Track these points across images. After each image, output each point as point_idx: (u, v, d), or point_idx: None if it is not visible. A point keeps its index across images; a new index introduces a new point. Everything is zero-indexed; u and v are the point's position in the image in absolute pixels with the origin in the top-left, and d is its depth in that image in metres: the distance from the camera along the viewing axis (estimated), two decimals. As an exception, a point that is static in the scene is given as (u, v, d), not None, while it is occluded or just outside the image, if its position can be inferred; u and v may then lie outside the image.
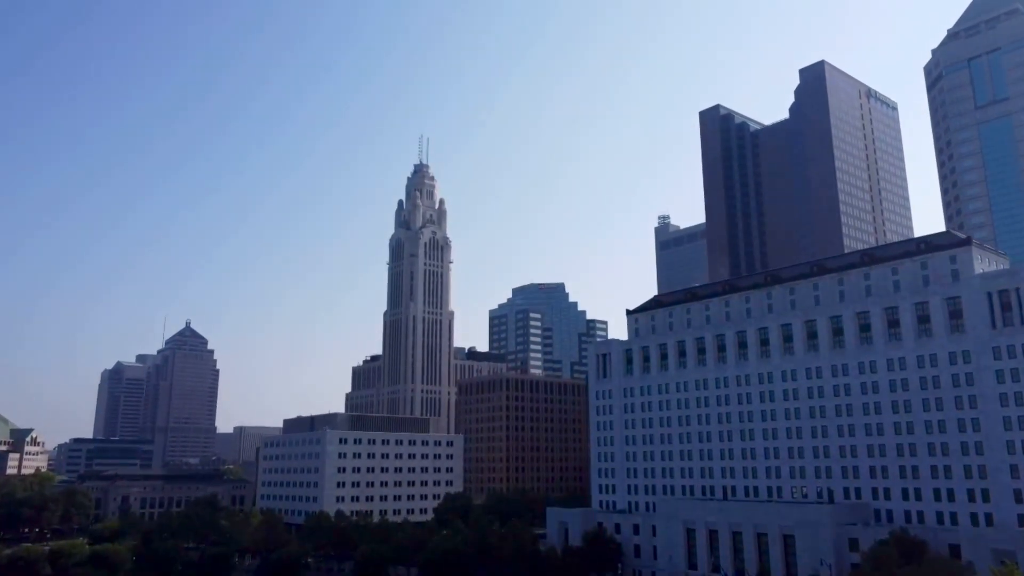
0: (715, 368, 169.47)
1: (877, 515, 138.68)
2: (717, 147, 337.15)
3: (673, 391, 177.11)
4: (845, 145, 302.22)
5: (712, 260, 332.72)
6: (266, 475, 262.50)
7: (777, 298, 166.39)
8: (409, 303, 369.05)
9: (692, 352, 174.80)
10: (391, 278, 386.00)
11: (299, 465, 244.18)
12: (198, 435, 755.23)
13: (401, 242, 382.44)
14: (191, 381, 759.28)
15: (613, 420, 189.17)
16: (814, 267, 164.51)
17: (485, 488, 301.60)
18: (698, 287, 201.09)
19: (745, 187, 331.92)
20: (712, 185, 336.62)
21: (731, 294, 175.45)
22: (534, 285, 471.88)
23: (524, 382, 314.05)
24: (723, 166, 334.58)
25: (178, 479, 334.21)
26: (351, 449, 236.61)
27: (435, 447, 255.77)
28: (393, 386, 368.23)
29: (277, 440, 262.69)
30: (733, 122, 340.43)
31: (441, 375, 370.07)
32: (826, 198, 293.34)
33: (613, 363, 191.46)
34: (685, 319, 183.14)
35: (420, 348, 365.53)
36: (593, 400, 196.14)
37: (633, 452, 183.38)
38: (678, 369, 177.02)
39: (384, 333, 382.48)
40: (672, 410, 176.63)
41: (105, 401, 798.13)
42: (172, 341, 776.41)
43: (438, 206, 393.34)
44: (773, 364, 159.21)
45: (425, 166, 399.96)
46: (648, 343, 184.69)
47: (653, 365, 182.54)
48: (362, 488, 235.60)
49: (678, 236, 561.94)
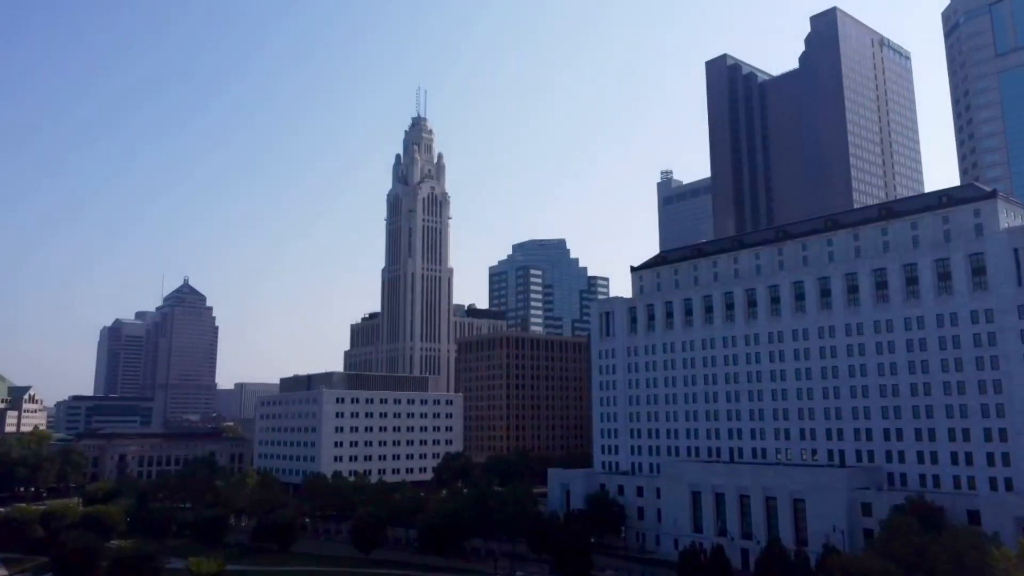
0: (723, 327, 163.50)
1: (890, 479, 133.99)
2: (724, 99, 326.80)
3: (679, 350, 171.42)
4: (857, 96, 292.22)
5: (718, 215, 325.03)
6: (263, 434, 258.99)
7: (788, 254, 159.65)
8: (407, 260, 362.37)
9: (699, 310, 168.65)
10: (389, 234, 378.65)
11: (296, 424, 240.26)
12: (199, 392, 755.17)
13: (399, 197, 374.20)
14: (190, 338, 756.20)
15: (616, 380, 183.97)
16: (827, 222, 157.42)
17: (485, 447, 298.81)
18: (705, 243, 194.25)
19: (752, 140, 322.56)
20: (718, 138, 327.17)
21: (740, 250, 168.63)
22: (534, 241, 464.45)
23: (524, 340, 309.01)
24: (730, 118, 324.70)
25: (176, 438, 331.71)
26: (348, 408, 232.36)
27: (434, 406, 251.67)
28: (392, 344, 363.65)
29: (274, 399, 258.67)
30: (740, 72, 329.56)
31: (440, 333, 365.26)
32: (836, 151, 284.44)
33: (616, 321, 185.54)
34: (692, 276, 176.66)
35: (419, 305, 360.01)
36: (596, 359, 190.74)
37: (637, 412, 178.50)
38: (684, 328, 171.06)
39: (382, 290, 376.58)
40: (677, 370, 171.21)
41: (105, 359, 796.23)
42: (171, 298, 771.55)
43: (436, 160, 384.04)
44: (784, 323, 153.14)
45: (423, 119, 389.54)
46: (653, 301, 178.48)
47: (658, 324, 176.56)
48: (360, 448, 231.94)
49: (681, 191, 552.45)
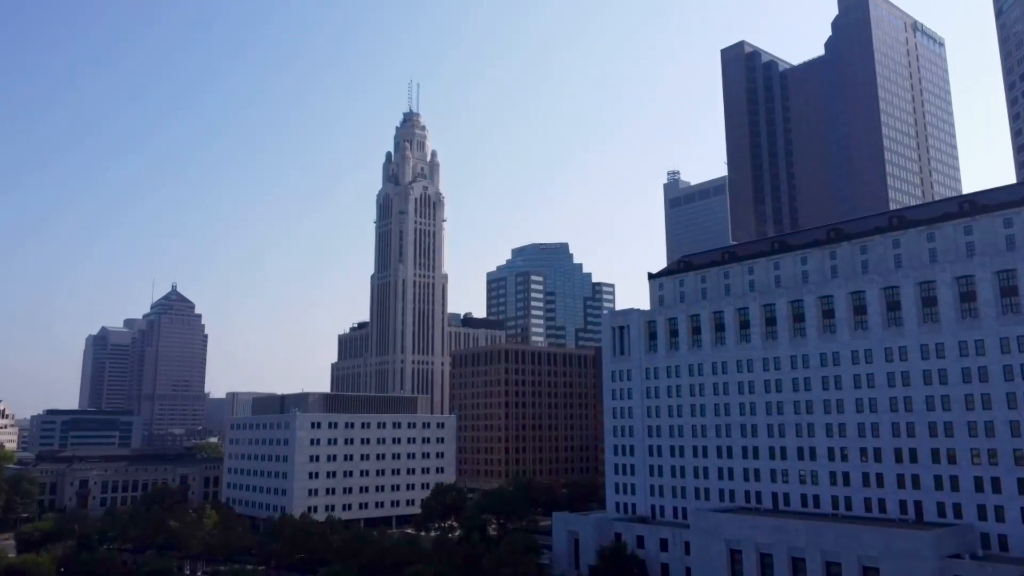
0: (763, 346, 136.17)
1: (985, 541, 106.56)
2: (741, 89, 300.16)
3: (708, 373, 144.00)
4: (891, 85, 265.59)
5: (736, 217, 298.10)
6: (232, 462, 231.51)
7: (844, 259, 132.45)
8: (398, 265, 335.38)
9: (732, 326, 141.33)
10: (379, 238, 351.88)
11: (267, 452, 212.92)
12: (186, 403, 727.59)
13: (389, 198, 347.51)
14: (178, 347, 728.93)
15: (632, 407, 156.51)
16: (893, 219, 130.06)
17: (482, 471, 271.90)
18: (737, 245, 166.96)
19: (773, 135, 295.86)
20: (735, 133, 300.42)
21: (781, 254, 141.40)
22: (535, 245, 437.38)
23: (524, 353, 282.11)
24: (748, 111, 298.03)
25: (145, 460, 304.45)
26: (325, 435, 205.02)
27: (424, 430, 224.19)
28: (382, 356, 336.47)
29: (244, 422, 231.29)
30: (759, 61, 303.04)
31: (434, 344, 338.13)
32: (868, 147, 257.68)
33: (632, 337, 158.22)
34: (722, 284, 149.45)
35: (411, 315, 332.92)
36: (607, 381, 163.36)
37: (658, 446, 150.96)
38: (715, 346, 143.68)
39: (372, 298, 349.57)
40: (707, 396, 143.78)
41: (90, 368, 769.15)
42: (158, 305, 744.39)
43: (430, 159, 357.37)
44: (840, 342, 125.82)
45: (415, 115, 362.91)
46: (676, 314, 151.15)
47: (682, 341, 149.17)
48: (338, 479, 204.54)
49: (689, 193, 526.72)
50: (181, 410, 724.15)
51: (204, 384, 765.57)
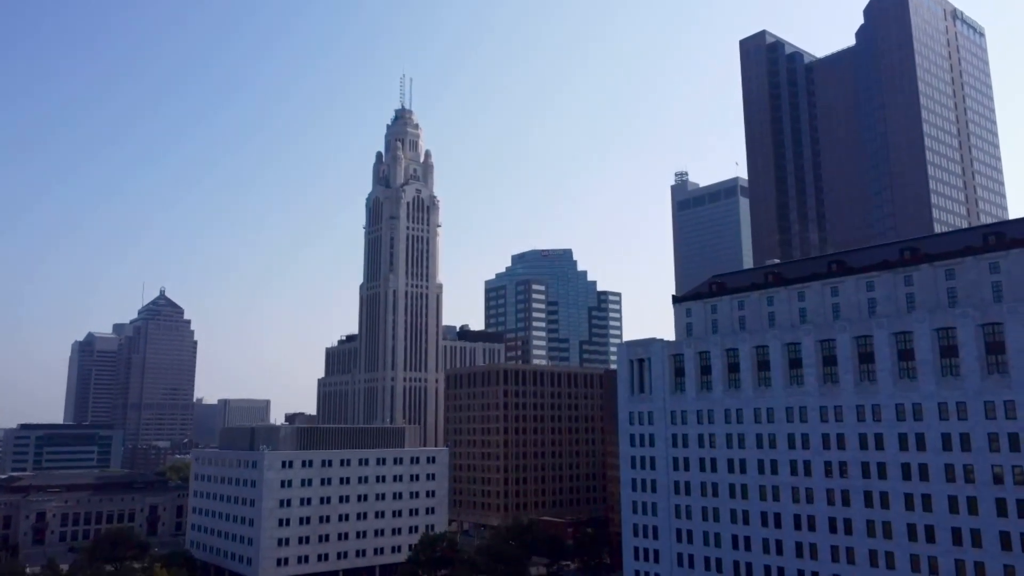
0: (819, 392, 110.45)
1: None
2: (763, 83, 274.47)
3: (750, 421, 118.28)
4: (931, 78, 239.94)
5: (757, 223, 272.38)
6: (197, 500, 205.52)
7: (923, 285, 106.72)
8: (389, 275, 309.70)
9: (780, 364, 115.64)
10: (368, 245, 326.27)
11: (233, 494, 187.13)
12: (174, 413, 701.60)
13: (379, 202, 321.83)
14: (166, 354, 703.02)
15: (656, 457, 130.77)
16: (989, 236, 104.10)
17: (478, 505, 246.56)
18: (782, 265, 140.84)
19: (798, 133, 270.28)
20: (756, 131, 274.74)
21: (840, 277, 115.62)
22: (536, 252, 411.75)
23: (525, 373, 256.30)
24: (770, 107, 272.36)
25: (110, 488, 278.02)
26: (298, 475, 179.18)
27: (412, 466, 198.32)
28: (371, 373, 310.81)
29: (209, 456, 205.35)
30: (782, 52, 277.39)
31: (427, 360, 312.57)
32: (908, 145, 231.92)
33: (654, 373, 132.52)
34: (764, 312, 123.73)
35: (402, 328, 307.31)
36: (625, 425, 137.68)
37: (687, 507, 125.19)
38: (758, 389, 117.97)
39: (361, 310, 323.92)
40: (749, 450, 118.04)
41: (75, 376, 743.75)
42: (145, 311, 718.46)
43: (423, 159, 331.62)
44: (923, 391, 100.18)
45: (408, 111, 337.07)
46: (708, 347, 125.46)
47: (717, 380, 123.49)
48: (313, 525, 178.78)
49: (699, 195, 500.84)
50: (169, 420, 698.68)
51: (193, 392, 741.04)
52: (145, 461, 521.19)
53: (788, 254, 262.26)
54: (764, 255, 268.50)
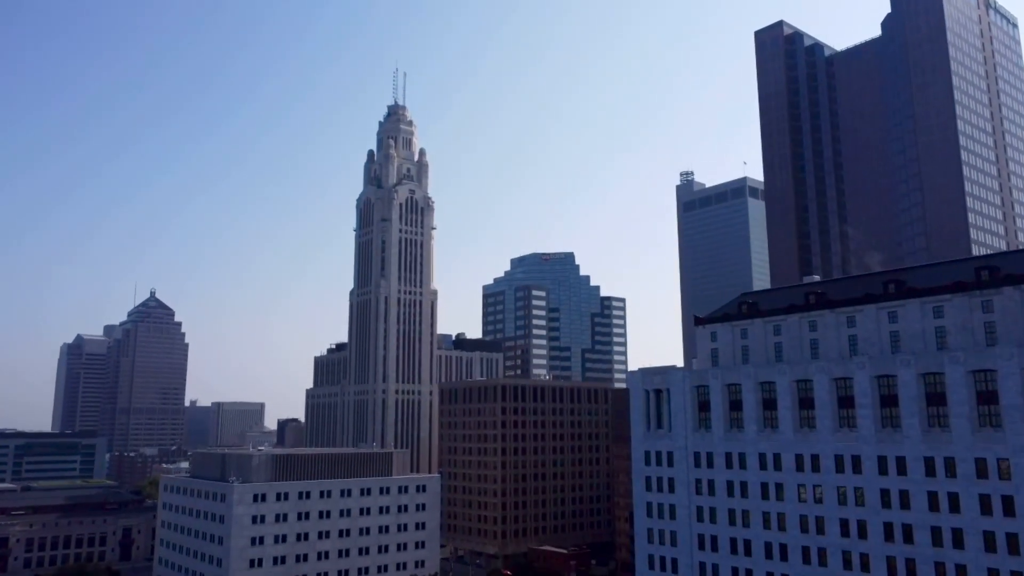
0: (877, 438, 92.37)
1: None
2: (780, 78, 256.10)
3: (790, 469, 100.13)
4: (965, 72, 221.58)
5: (773, 226, 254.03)
6: (166, 532, 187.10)
7: (1006, 312, 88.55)
8: (380, 280, 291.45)
9: (828, 403, 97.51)
10: (359, 248, 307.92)
11: (200, 528, 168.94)
12: (164, 418, 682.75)
13: (371, 203, 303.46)
14: (156, 357, 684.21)
15: (676, 505, 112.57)
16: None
17: (474, 532, 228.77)
18: (827, 283, 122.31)
19: (817, 130, 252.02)
20: (772, 128, 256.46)
21: (901, 300, 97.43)
22: (536, 255, 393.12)
23: (525, 389, 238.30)
24: (788, 103, 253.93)
25: (80, 510, 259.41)
26: (272, 509, 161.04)
27: (400, 495, 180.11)
28: (361, 385, 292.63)
29: (178, 484, 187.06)
30: (800, 44, 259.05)
31: (421, 371, 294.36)
32: (941, 144, 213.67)
33: (674, 407, 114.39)
34: (806, 340, 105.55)
35: (394, 337, 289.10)
36: (639, 465, 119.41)
37: (713, 565, 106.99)
38: (800, 431, 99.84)
39: (351, 317, 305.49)
40: (790, 503, 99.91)
41: (63, 379, 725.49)
42: (135, 313, 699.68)
43: (417, 158, 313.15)
44: (1012, 443, 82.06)
45: (401, 107, 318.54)
46: (739, 378, 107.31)
47: (749, 418, 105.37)
48: (289, 565, 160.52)
49: (705, 196, 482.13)
50: (160, 424, 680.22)
51: (185, 396, 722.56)
52: (131, 470, 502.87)
53: (807, 260, 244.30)
54: (781, 260, 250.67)
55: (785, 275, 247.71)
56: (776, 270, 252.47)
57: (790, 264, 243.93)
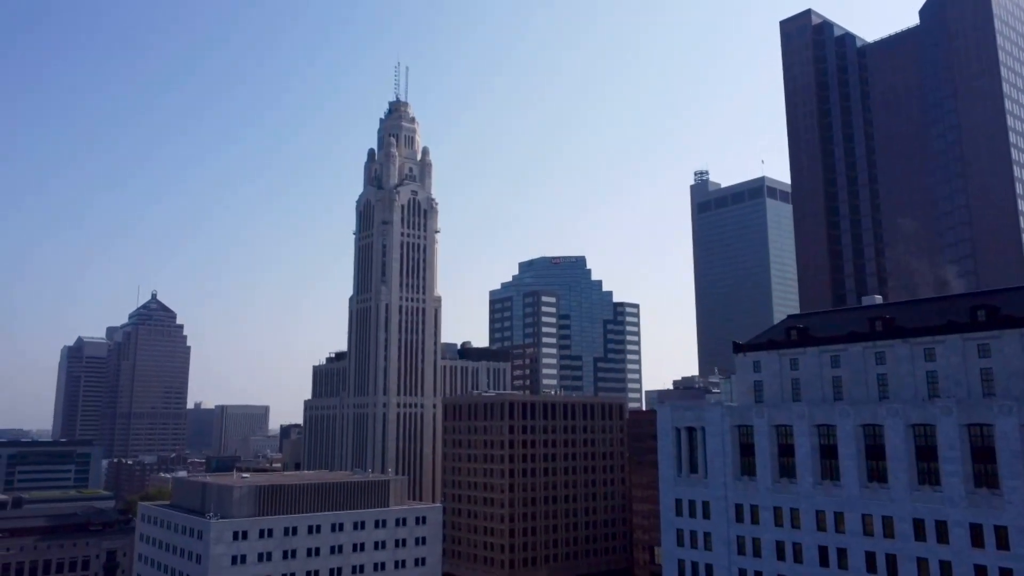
0: (967, 500, 75.35)
1: None
2: (808, 70, 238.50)
3: (856, 532, 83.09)
4: (1015, 63, 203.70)
5: (802, 231, 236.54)
6: (143, 568, 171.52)
7: None
8: (380, 287, 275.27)
9: (903, 455, 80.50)
10: (359, 253, 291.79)
11: (178, 567, 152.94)
12: (166, 422, 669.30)
13: (371, 204, 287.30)
14: (157, 360, 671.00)
15: (713, 565, 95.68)
16: None
17: (479, 557, 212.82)
18: (896, 305, 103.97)
19: (848, 127, 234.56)
20: (800, 125, 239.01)
21: (995, 331, 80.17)
22: (546, 259, 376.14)
23: (535, 406, 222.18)
24: (817, 98, 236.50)
25: (61, 532, 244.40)
26: (255, 548, 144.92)
27: (398, 529, 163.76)
28: (361, 397, 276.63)
29: (155, 515, 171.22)
30: (830, 35, 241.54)
31: (424, 383, 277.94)
32: (988, 142, 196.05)
33: (710, 449, 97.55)
34: (873, 375, 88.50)
35: (396, 347, 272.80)
36: (669, 516, 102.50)
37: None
38: (868, 487, 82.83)
39: (350, 326, 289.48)
40: (856, 574, 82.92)
41: (64, 383, 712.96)
42: (136, 315, 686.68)
43: (420, 157, 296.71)
44: None
45: (403, 104, 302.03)
46: (791, 419, 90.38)
47: (804, 467, 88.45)
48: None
49: (721, 196, 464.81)
50: (161, 429, 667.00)
51: (187, 400, 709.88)
52: (130, 479, 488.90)
53: (838, 266, 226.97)
54: (810, 266, 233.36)
55: (814, 282, 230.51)
56: (805, 276, 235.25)
57: (820, 270, 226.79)
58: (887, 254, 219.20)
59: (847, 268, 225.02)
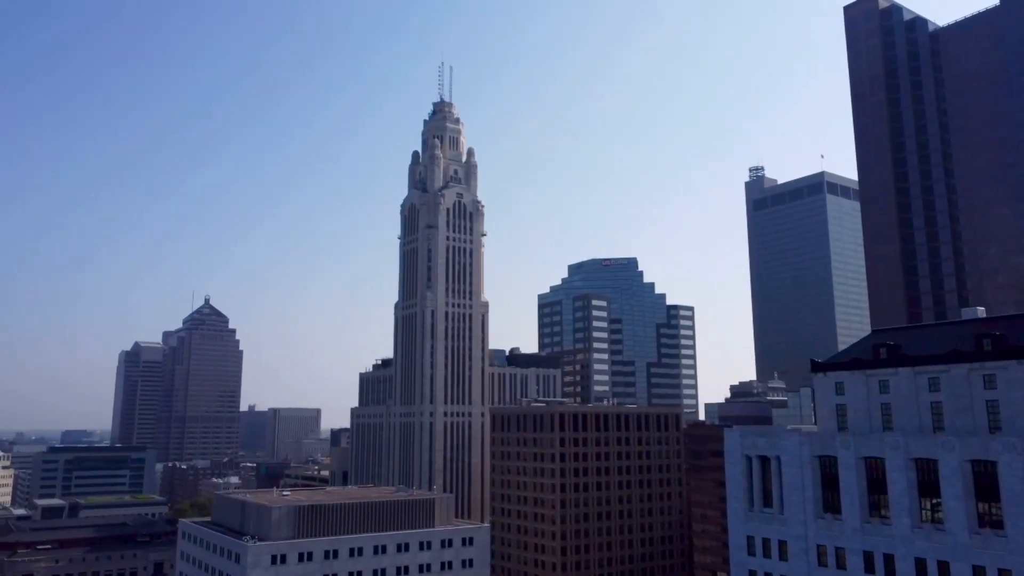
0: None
1: None
2: (875, 58, 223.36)
3: (965, 587, 71.50)
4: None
5: (871, 230, 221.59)
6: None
7: None
8: (426, 292, 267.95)
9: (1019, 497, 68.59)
10: (403, 258, 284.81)
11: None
12: (219, 426, 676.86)
13: (415, 208, 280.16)
14: (211, 365, 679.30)
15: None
16: None
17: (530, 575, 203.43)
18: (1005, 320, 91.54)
19: (921, 118, 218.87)
20: (867, 117, 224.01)
21: None
22: (596, 261, 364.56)
23: (586, 417, 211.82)
24: (886, 87, 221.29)
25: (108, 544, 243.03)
26: (294, 573, 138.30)
27: (443, 550, 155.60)
28: (407, 406, 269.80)
29: (194, 532, 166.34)
30: (899, 19, 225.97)
31: (471, 391, 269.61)
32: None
33: (788, 482, 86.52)
34: (982, 402, 76.59)
35: (442, 354, 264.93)
36: (740, 556, 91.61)
37: None
38: (980, 533, 71.12)
39: (396, 333, 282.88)
40: (965, 636, 71.31)
41: (122, 387, 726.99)
42: (190, 320, 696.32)
43: (465, 159, 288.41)
44: None
45: (447, 104, 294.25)
46: (883, 451, 78.94)
47: (900, 505, 76.99)
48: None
49: (777, 193, 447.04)
50: (215, 432, 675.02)
51: (240, 403, 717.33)
52: (183, 483, 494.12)
53: (912, 267, 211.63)
54: (880, 267, 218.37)
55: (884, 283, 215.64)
56: (874, 277, 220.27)
57: (892, 271, 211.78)
58: (966, 253, 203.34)
59: (921, 268, 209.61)
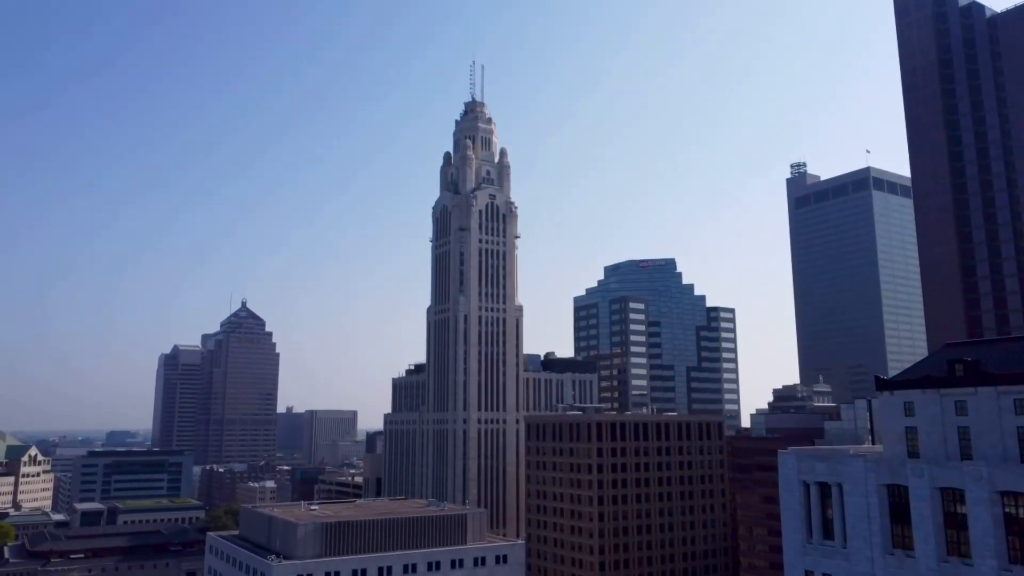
0: None
1: None
2: (929, 47, 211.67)
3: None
4: None
5: (925, 229, 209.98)
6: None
7: None
8: (459, 296, 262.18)
9: None
10: (435, 261, 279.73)
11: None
12: (256, 428, 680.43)
13: (447, 210, 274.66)
14: (248, 367, 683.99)
15: (859, 661, 76.21)
16: None
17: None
18: None
19: (979, 111, 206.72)
20: (920, 111, 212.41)
21: None
22: (633, 262, 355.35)
23: (625, 426, 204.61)
24: (940, 78, 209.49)
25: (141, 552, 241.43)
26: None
27: (476, 569, 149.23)
28: (440, 412, 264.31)
29: (221, 547, 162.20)
30: (954, 5, 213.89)
31: (506, 397, 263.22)
32: None
33: (851, 512, 78.09)
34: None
35: (475, 360, 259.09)
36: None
37: None
38: (1082, 582, 62.19)
39: (428, 338, 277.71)
40: None
41: (162, 390, 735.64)
42: (227, 323, 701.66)
43: (498, 159, 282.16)
44: None
45: (479, 104, 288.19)
46: (962, 482, 70.23)
47: (982, 544, 68.24)
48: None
49: (820, 189, 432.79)
50: (252, 435, 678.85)
51: (277, 405, 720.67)
52: (220, 487, 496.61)
53: (970, 268, 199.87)
54: (936, 268, 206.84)
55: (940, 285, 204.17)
56: (929, 279, 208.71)
57: (949, 272, 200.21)
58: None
59: (981, 269, 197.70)
